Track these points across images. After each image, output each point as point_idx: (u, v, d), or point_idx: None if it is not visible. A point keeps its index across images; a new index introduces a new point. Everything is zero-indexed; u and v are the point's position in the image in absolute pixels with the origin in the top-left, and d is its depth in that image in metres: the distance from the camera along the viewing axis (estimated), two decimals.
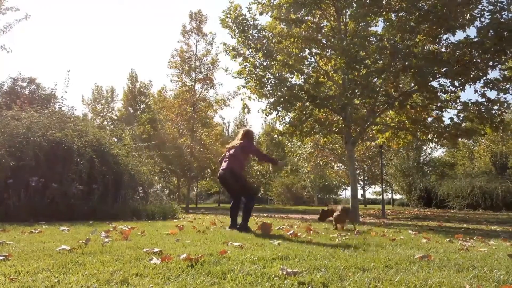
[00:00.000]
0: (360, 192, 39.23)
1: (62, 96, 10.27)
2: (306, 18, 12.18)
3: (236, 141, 5.85)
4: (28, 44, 67.39)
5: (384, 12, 10.96)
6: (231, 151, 5.71)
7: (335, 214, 6.11)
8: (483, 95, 10.32)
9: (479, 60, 9.98)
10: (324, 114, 12.31)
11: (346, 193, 50.47)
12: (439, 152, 38.65)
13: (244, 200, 5.54)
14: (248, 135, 5.95)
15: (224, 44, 11.93)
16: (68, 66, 68.88)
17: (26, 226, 5.10)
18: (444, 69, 10.00)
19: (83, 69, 74.52)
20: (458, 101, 10.77)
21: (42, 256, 2.73)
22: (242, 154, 5.68)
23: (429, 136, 11.71)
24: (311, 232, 5.35)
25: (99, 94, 37.41)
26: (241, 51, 11.78)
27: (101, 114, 36.69)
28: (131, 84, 34.91)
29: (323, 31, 12.30)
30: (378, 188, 44.71)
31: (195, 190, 40.78)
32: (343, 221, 6.14)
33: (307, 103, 11.35)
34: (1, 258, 2.54)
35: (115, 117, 35.62)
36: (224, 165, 5.65)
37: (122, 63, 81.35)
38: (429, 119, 11.71)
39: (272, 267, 2.46)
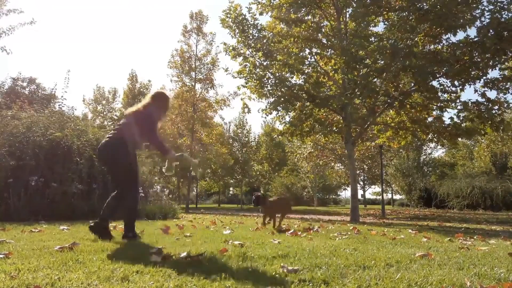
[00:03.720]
0: (360, 192, 39.23)
1: (62, 96, 10.25)
2: (306, 18, 12.19)
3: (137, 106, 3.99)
4: (29, 44, 67.42)
5: (385, 12, 10.96)
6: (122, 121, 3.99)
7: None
8: (483, 95, 10.33)
9: (479, 60, 9.98)
10: (324, 114, 12.31)
11: (346, 193, 50.52)
12: (439, 152, 38.70)
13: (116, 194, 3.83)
14: (156, 99, 3.98)
15: (224, 44, 11.95)
16: (69, 66, 68.93)
17: (26, 225, 5.09)
18: (444, 68, 10.00)
19: (83, 69, 74.56)
20: (458, 100, 10.77)
21: (42, 254, 2.73)
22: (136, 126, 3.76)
23: (429, 136, 11.72)
24: (311, 231, 5.35)
25: (100, 95, 37.39)
26: (241, 51, 11.79)
27: (102, 114, 36.67)
28: (131, 85, 34.90)
29: (323, 31, 12.31)
30: (378, 188, 44.74)
31: (195, 191, 40.78)
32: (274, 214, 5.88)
33: (307, 103, 11.36)
34: (2, 256, 2.54)
35: (116, 117, 35.60)
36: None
37: (122, 63, 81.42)
38: (429, 119, 11.71)
39: (273, 265, 2.46)
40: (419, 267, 2.56)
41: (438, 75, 10.30)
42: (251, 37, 11.67)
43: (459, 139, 13.34)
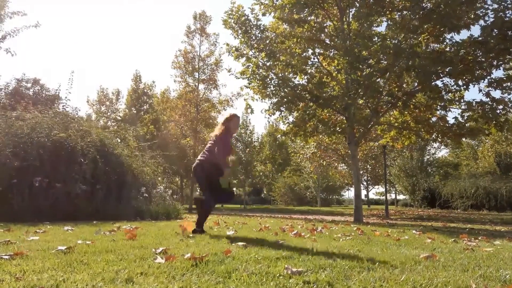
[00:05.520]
0: (363, 192, 39.06)
1: (66, 97, 10.36)
2: (309, 18, 12.17)
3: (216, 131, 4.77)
4: (33, 45, 67.77)
5: (388, 12, 10.93)
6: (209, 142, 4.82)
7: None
8: (487, 94, 10.26)
9: (483, 60, 9.93)
10: (327, 114, 12.29)
11: (349, 194, 50.45)
12: (443, 153, 38.51)
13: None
14: (227, 122, 4.75)
15: (227, 44, 11.94)
16: (72, 67, 69.24)
17: (31, 226, 5.11)
18: (448, 68, 9.95)
19: (87, 70, 74.84)
20: (462, 100, 10.72)
21: (47, 255, 2.73)
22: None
23: (433, 136, 11.67)
24: (315, 232, 5.33)
25: (104, 96, 37.46)
26: (244, 52, 11.78)
27: (105, 115, 36.74)
28: (135, 85, 34.97)
29: (326, 31, 12.28)
30: (381, 189, 44.61)
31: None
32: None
33: (311, 103, 11.34)
34: (6, 257, 2.54)
35: (119, 118, 35.67)
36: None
37: (126, 64, 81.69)
38: (433, 119, 11.67)
39: (277, 267, 2.45)
40: (424, 268, 2.55)
41: (441, 75, 10.25)
42: (254, 37, 11.66)
43: (463, 139, 13.27)
